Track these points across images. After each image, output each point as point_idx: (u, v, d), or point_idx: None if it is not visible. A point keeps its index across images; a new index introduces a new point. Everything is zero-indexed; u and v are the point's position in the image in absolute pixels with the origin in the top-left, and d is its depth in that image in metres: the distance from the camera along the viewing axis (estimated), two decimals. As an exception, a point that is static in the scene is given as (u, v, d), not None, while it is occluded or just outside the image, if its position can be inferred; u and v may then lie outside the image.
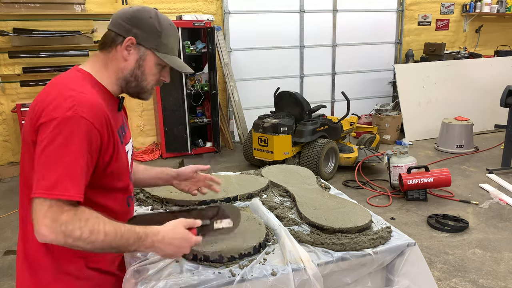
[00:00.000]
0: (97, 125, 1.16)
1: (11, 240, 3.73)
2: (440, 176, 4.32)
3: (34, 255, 1.26)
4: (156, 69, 1.32)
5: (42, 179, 1.08)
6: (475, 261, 3.22)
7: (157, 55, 1.30)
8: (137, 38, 1.27)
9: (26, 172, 1.23)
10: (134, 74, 1.30)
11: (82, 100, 1.14)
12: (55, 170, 1.09)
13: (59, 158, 1.09)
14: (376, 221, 1.70)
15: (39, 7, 5.42)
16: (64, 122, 1.10)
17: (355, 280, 1.48)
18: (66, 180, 1.09)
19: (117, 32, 1.27)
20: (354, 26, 7.31)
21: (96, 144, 1.17)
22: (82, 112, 1.12)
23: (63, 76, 1.26)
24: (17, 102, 5.29)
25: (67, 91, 1.16)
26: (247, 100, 6.72)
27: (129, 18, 1.27)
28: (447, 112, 6.71)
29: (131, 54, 1.28)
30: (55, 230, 1.06)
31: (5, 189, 5.06)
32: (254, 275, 1.31)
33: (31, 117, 1.18)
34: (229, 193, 1.95)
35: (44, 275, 1.26)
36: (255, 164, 5.46)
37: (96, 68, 1.29)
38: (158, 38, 1.29)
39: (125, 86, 1.32)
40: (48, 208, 1.07)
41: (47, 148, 1.10)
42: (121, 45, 1.27)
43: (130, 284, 1.29)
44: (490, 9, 8.00)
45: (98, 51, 1.32)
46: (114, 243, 1.13)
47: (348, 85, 7.33)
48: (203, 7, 6.42)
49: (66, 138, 1.10)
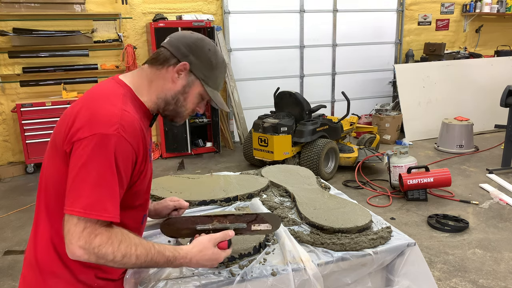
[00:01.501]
0: (135, 146, 1.16)
1: (11, 240, 3.73)
2: (440, 176, 4.32)
3: (46, 262, 1.24)
4: (197, 99, 1.33)
5: (80, 197, 1.07)
6: (475, 261, 3.22)
7: (203, 87, 1.31)
8: (191, 65, 1.27)
9: (50, 178, 1.21)
10: (176, 98, 1.29)
11: (124, 119, 1.13)
12: (96, 190, 1.08)
13: (100, 177, 1.08)
14: (376, 221, 1.70)
15: (39, 7, 5.43)
16: (104, 139, 1.09)
17: (355, 280, 1.48)
18: (106, 201, 1.09)
19: (173, 54, 1.26)
20: (354, 26, 7.31)
21: (131, 165, 1.17)
22: (124, 132, 1.12)
23: (104, 87, 1.24)
24: (17, 102, 5.29)
25: (109, 106, 1.15)
26: (247, 100, 6.73)
27: (189, 45, 1.27)
28: (447, 112, 6.71)
29: (181, 79, 1.28)
30: (88, 252, 1.07)
31: (5, 189, 5.06)
32: (254, 275, 1.31)
33: (67, 126, 1.15)
34: (229, 193, 1.95)
35: (55, 283, 1.24)
36: (255, 164, 5.46)
37: (138, 82, 1.28)
38: (211, 71, 1.30)
39: (163, 107, 1.31)
40: (83, 229, 1.07)
41: (87, 164, 1.08)
42: (174, 66, 1.26)
43: (130, 284, 1.29)
44: (490, 9, 8.00)
45: (147, 65, 1.30)
46: (144, 265, 1.16)
47: (348, 85, 7.33)
48: (203, 7, 6.42)
49: (108, 157, 1.09)
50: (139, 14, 6.11)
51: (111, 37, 5.97)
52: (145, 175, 1.27)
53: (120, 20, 5.97)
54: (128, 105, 1.19)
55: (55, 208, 1.20)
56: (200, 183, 2.09)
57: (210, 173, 2.30)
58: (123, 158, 1.12)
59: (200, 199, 1.87)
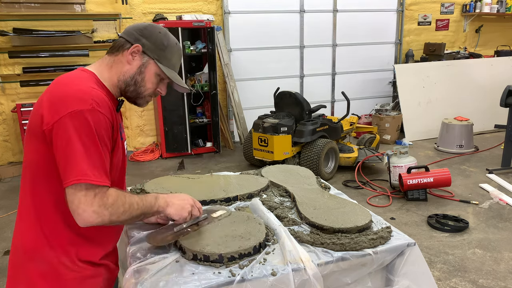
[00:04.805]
0: (109, 117, 1.27)
1: (11, 240, 3.72)
2: (440, 176, 4.32)
3: (30, 244, 1.31)
4: (155, 78, 1.42)
5: (75, 167, 1.17)
6: (475, 261, 3.22)
7: (158, 66, 1.40)
8: (144, 46, 1.38)
9: (32, 162, 1.28)
10: (134, 79, 1.39)
11: (95, 95, 1.24)
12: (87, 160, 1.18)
13: (86, 150, 1.18)
14: (376, 221, 1.70)
15: (39, 7, 5.43)
16: (84, 115, 1.18)
17: (355, 280, 1.48)
18: (98, 168, 1.20)
19: (127, 39, 1.38)
20: (354, 26, 7.31)
21: (111, 133, 1.28)
22: (98, 106, 1.22)
23: (70, 75, 1.33)
24: (17, 102, 5.29)
25: (79, 86, 1.25)
26: (247, 100, 6.72)
27: (140, 29, 1.39)
28: (447, 112, 6.71)
29: (135, 60, 1.38)
30: (102, 213, 1.20)
31: (5, 189, 5.06)
32: (254, 275, 1.31)
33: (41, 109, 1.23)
34: (229, 193, 1.95)
35: (37, 265, 1.29)
36: (255, 164, 5.46)
37: (100, 68, 1.39)
38: (163, 51, 1.40)
39: (124, 89, 1.40)
40: (95, 196, 1.18)
41: (72, 141, 1.17)
42: (128, 50, 1.37)
43: (130, 284, 1.30)
44: (490, 9, 8.00)
45: (106, 54, 1.42)
46: (144, 208, 1.32)
47: (348, 85, 7.33)
48: (203, 7, 6.42)
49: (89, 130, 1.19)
50: (139, 14, 6.11)
51: (111, 37, 5.97)
52: (118, 150, 1.37)
53: (120, 20, 5.97)
54: (94, 85, 1.30)
55: (39, 188, 1.28)
56: (200, 183, 2.09)
57: (210, 173, 2.30)
58: (103, 128, 1.23)
59: (200, 199, 1.86)
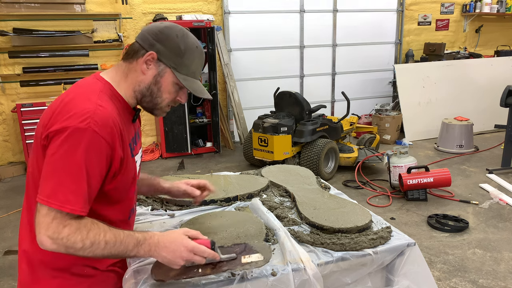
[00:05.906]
0: (109, 140, 1.16)
1: (11, 240, 3.73)
2: (440, 176, 4.32)
3: (33, 252, 1.27)
4: (173, 88, 1.31)
5: (46, 186, 1.10)
6: (475, 261, 3.22)
7: (175, 75, 1.28)
8: (159, 53, 1.26)
9: (35, 174, 1.23)
10: (150, 89, 1.29)
11: (97, 114, 1.14)
12: (60, 180, 1.10)
13: (65, 169, 1.10)
14: (376, 221, 1.70)
15: (39, 7, 5.42)
16: (75, 132, 1.10)
17: (355, 280, 1.48)
18: (68, 192, 1.09)
19: (141, 45, 1.27)
20: (354, 26, 7.31)
21: (106, 159, 1.17)
22: (95, 126, 1.12)
23: (83, 83, 1.26)
24: (17, 102, 5.29)
25: (85, 101, 1.16)
26: (247, 100, 6.72)
27: (155, 33, 1.26)
28: (447, 112, 6.71)
29: (150, 69, 1.27)
30: (56, 242, 1.09)
31: (5, 189, 5.06)
32: (254, 275, 1.31)
33: (46, 121, 1.18)
34: (229, 193, 1.95)
35: (44, 274, 1.27)
36: (255, 164, 5.46)
37: (116, 77, 1.29)
38: (180, 58, 1.28)
39: (140, 100, 1.32)
40: (52, 220, 1.09)
41: (56, 156, 1.11)
42: (142, 58, 1.26)
43: (130, 284, 1.30)
44: (490, 9, 7.99)
45: (122, 60, 1.32)
46: (114, 250, 1.15)
47: (348, 85, 7.33)
48: (203, 7, 6.42)
49: (77, 150, 1.10)
50: (139, 14, 6.11)
51: (111, 37, 5.97)
52: (126, 171, 1.27)
53: (120, 20, 5.97)
54: (104, 101, 1.20)
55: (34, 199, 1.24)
56: (200, 183, 2.09)
57: (210, 173, 2.30)
58: (95, 152, 1.13)
59: (200, 199, 1.87)
